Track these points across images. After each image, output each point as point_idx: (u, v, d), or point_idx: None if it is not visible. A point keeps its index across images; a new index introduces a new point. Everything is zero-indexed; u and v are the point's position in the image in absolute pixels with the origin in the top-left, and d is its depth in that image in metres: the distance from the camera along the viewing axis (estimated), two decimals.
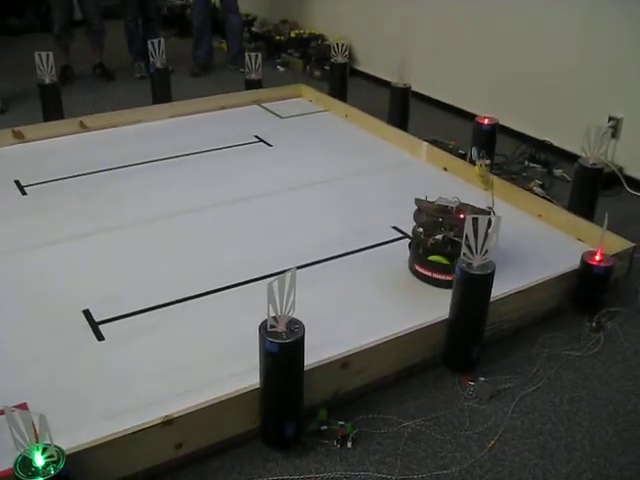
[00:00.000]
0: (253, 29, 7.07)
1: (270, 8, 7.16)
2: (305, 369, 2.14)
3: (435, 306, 2.58)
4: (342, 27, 6.09)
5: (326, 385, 2.29)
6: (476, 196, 3.04)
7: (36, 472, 1.75)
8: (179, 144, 4.21)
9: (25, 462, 1.77)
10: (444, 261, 2.77)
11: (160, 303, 2.74)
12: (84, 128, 4.36)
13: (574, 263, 2.85)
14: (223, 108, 4.81)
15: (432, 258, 2.80)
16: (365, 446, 2.21)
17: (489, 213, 2.74)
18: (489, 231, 2.32)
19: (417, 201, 2.94)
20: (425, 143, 4.07)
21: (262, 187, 3.70)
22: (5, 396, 2.17)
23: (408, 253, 2.96)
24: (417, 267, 2.88)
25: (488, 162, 2.96)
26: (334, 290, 2.84)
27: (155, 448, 2.06)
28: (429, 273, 2.83)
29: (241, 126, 4.52)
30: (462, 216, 2.71)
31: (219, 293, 2.81)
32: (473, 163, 3.06)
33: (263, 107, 4.87)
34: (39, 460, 1.77)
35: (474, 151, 3.01)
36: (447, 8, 5.08)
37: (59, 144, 4.25)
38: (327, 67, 5.50)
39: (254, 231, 3.28)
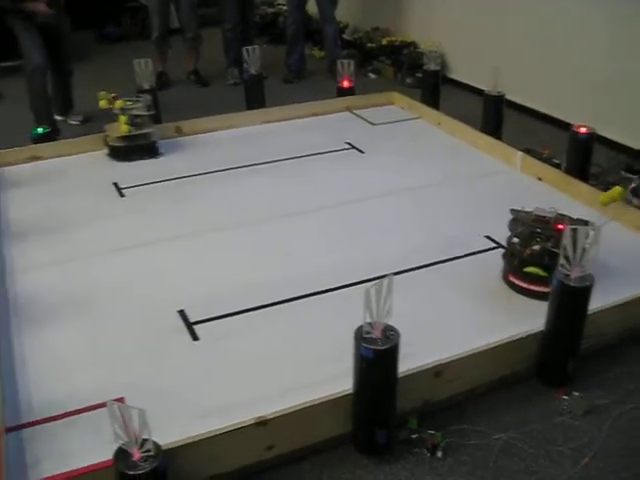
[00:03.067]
0: (345, 36, 7.10)
1: (362, 15, 7.18)
2: (398, 376, 2.13)
3: (529, 318, 2.54)
4: (435, 34, 6.05)
5: (418, 393, 2.28)
6: (572, 207, 2.98)
7: (134, 465, 1.80)
8: (272, 149, 4.26)
9: (124, 455, 1.82)
10: (541, 273, 2.72)
11: (255, 305, 2.77)
12: (180, 133, 4.46)
13: None
14: (315, 115, 4.84)
15: (528, 269, 2.75)
16: (455, 457, 2.19)
17: (587, 224, 2.68)
18: (588, 242, 2.27)
19: (513, 211, 2.90)
20: (519, 152, 4.01)
21: (354, 193, 3.71)
22: (103, 392, 2.25)
23: (502, 263, 2.92)
24: (512, 278, 2.83)
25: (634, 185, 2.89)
26: (426, 298, 2.82)
27: (247, 448, 2.10)
28: (525, 284, 2.78)
29: (333, 132, 4.55)
30: (561, 227, 2.65)
31: (313, 297, 2.83)
32: (572, 173, 3.00)
33: (355, 114, 4.88)
34: (137, 454, 1.81)
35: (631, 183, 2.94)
36: (541, 15, 5.01)
37: None
38: (419, 74, 5.48)
39: (345, 237, 3.30)
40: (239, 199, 3.68)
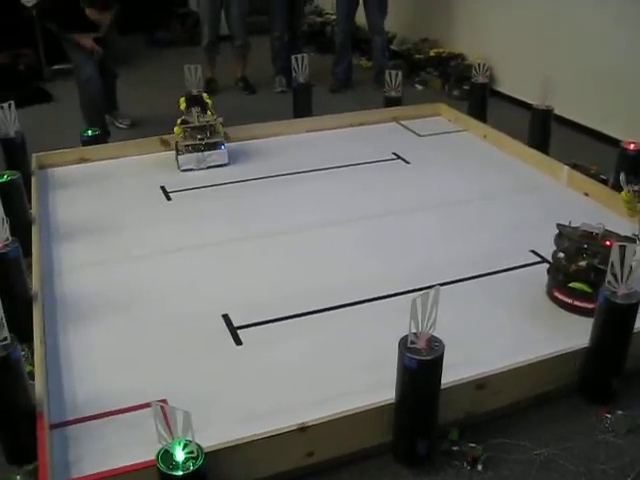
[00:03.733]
0: (392, 47, 7.11)
1: (410, 26, 7.18)
2: (441, 387, 2.13)
3: (573, 333, 2.52)
4: (483, 47, 6.04)
5: (460, 405, 2.27)
6: (619, 223, 2.95)
7: (176, 466, 1.82)
8: (319, 158, 4.29)
9: (166, 455, 1.84)
10: (586, 289, 2.70)
11: (297, 312, 2.79)
12: (227, 139, 4.50)
13: None
14: (362, 124, 4.86)
15: (573, 285, 2.73)
16: (496, 470, 2.17)
17: (635, 241, 2.66)
18: (635, 259, 2.25)
19: (559, 226, 2.88)
20: (566, 167, 3.98)
21: (399, 204, 3.72)
22: (147, 393, 2.28)
23: (547, 278, 2.90)
24: (556, 293, 2.81)
25: (637, 188, 2.86)
26: (469, 311, 2.81)
27: (287, 454, 2.11)
28: (569, 300, 2.76)
29: (379, 142, 4.56)
30: (608, 243, 2.63)
31: (357, 306, 2.84)
32: (619, 189, 2.97)
33: (402, 125, 4.89)
34: (180, 455, 1.83)
35: (622, 176, 2.92)
36: (591, 29, 4.96)
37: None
38: (466, 87, 5.47)
39: (391, 247, 3.30)
40: (283, 207, 3.71)
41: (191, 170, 4.13)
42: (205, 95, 4.24)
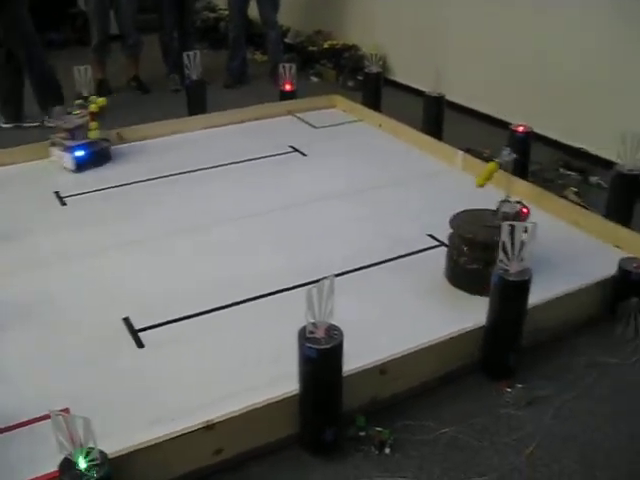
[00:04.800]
0: (286, 40, 7.11)
1: (303, 19, 7.20)
2: (343, 375, 2.15)
3: (472, 313, 2.58)
4: (375, 37, 6.10)
5: (364, 391, 2.30)
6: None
7: (80, 475, 1.78)
8: (215, 155, 4.25)
9: (69, 465, 1.80)
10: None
11: (198, 311, 2.77)
12: (121, 140, 4.42)
13: (611, 270, 2.83)
14: (258, 119, 4.85)
15: (467, 266, 2.82)
16: (403, 452, 2.21)
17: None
18: (525, 238, 2.33)
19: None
20: (460, 152, 4.07)
21: (297, 196, 3.73)
22: (48, 401, 2.21)
23: (445, 261, 2.96)
24: (452, 274, 2.89)
25: (508, 159, 2.95)
26: (371, 298, 2.85)
27: (195, 453, 2.09)
28: (464, 280, 2.85)
29: (276, 136, 4.56)
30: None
31: (256, 301, 2.84)
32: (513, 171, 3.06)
33: (297, 117, 4.91)
34: (82, 463, 1.80)
35: (506, 150, 3.00)
36: (481, 18, 5.08)
37: None
38: (360, 77, 5.52)
39: (290, 240, 3.31)
40: (182, 205, 3.67)
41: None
42: (99, 100, 4.14)
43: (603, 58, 4.25)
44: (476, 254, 2.80)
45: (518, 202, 2.91)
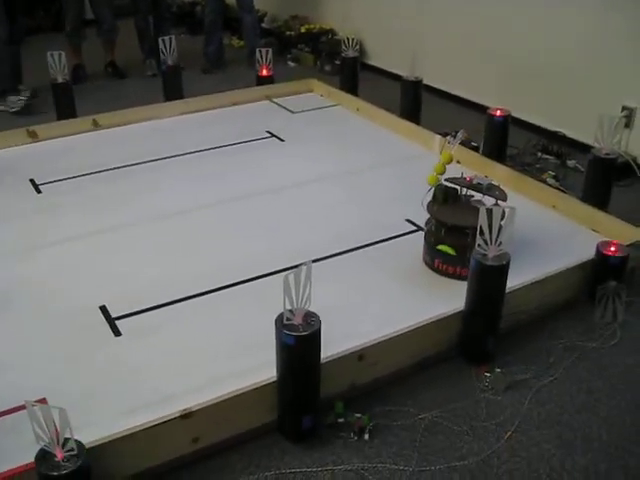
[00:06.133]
0: (263, 25, 7.06)
1: (280, 4, 7.15)
2: (322, 362, 2.14)
3: (451, 298, 2.58)
4: (353, 21, 6.08)
5: (342, 377, 2.29)
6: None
7: (57, 466, 1.77)
8: (191, 141, 4.22)
9: (46, 456, 1.79)
10: (450, 251, 2.79)
11: (176, 298, 2.76)
12: (97, 126, 4.38)
13: (589, 253, 2.84)
14: (235, 104, 4.81)
15: (440, 247, 2.82)
16: (382, 438, 2.21)
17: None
18: (503, 222, 2.32)
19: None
20: (438, 136, 4.06)
21: (275, 182, 3.71)
22: (24, 392, 2.18)
23: (422, 246, 2.96)
24: (427, 258, 2.90)
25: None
26: (349, 283, 2.84)
27: (172, 442, 2.07)
28: (436, 263, 2.86)
29: (253, 122, 4.53)
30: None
31: (234, 288, 2.82)
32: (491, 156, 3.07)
33: (274, 102, 4.87)
34: (60, 454, 1.78)
35: (460, 133, 3.01)
36: (458, 2, 5.07)
37: (72, 143, 4.27)
38: (338, 62, 5.50)
39: (268, 226, 3.30)
40: (159, 192, 3.64)
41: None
42: None
43: (581, 42, 4.25)
44: (453, 239, 2.80)
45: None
